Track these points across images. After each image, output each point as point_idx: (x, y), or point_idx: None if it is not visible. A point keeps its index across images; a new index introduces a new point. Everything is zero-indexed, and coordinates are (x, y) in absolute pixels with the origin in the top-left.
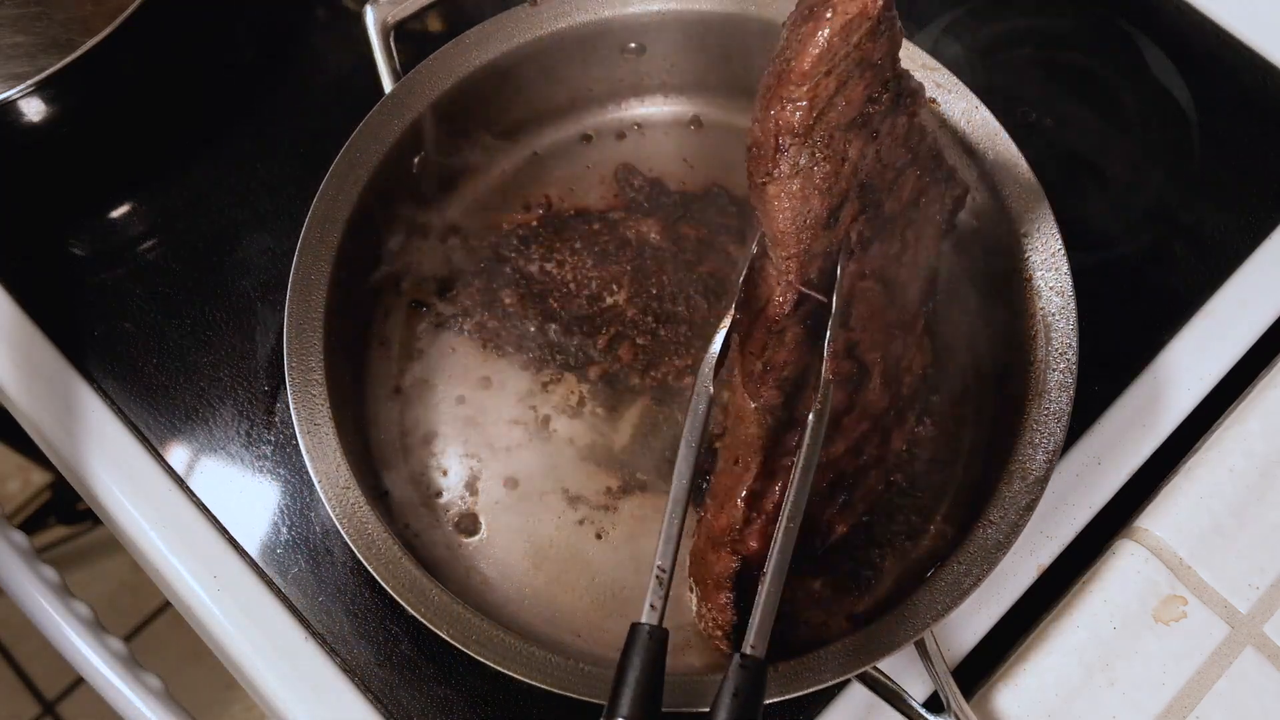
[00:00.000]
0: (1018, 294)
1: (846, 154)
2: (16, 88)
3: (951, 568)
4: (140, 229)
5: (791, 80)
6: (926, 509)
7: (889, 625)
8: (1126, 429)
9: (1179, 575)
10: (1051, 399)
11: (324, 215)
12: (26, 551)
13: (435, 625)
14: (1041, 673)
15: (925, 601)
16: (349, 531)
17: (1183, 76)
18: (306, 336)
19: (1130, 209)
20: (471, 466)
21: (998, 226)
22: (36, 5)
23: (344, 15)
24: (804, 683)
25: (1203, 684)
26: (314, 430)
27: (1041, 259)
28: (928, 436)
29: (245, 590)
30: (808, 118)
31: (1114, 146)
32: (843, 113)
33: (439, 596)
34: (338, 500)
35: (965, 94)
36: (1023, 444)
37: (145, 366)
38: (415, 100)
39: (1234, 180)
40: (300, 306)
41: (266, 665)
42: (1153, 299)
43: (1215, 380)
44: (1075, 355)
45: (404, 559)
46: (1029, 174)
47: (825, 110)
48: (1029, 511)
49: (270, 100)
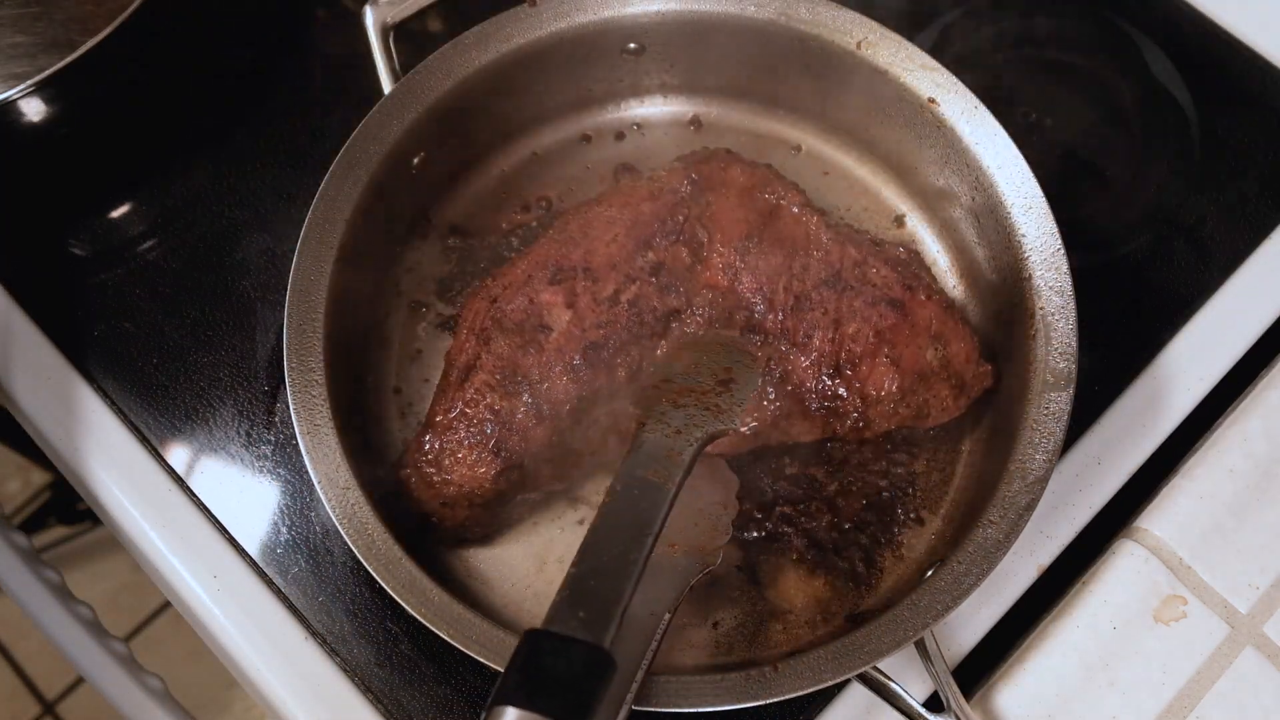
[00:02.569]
0: (1017, 293)
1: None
2: (16, 88)
3: (951, 567)
4: (140, 229)
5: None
6: (926, 509)
7: (888, 625)
8: (1126, 429)
9: (1179, 575)
10: (1051, 399)
11: (324, 216)
12: (27, 551)
13: (435, 625)
14: (1041, 673)
15: (925, 601)
16: (349, 532)
17: (1183, 76)
18: (307, 336)
19: (1130, 209)
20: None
21: (997, 227)
22: (36, 5)
23: (344, 15)
24: (804, 682)
25: (1203, 684)
26: (314, 431)
27: (1041, 258)
28: (927, 437)
29: (245, 590)
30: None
31: (1114, 146)
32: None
33: (439, 597)
34: (338, 500)
35: (964, 94)
36: (1022, 444)
37: (145, 366)
38: (415, 101)
39: (1234, 180)
40: (300, 306)
41: (266, 665)
42: (1153, 299)
43: (1215, 380)
44: (1075, 355)
45: (404, 559)
46: (1028, 174)
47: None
48: (1029, 511)
49: (270, 100)
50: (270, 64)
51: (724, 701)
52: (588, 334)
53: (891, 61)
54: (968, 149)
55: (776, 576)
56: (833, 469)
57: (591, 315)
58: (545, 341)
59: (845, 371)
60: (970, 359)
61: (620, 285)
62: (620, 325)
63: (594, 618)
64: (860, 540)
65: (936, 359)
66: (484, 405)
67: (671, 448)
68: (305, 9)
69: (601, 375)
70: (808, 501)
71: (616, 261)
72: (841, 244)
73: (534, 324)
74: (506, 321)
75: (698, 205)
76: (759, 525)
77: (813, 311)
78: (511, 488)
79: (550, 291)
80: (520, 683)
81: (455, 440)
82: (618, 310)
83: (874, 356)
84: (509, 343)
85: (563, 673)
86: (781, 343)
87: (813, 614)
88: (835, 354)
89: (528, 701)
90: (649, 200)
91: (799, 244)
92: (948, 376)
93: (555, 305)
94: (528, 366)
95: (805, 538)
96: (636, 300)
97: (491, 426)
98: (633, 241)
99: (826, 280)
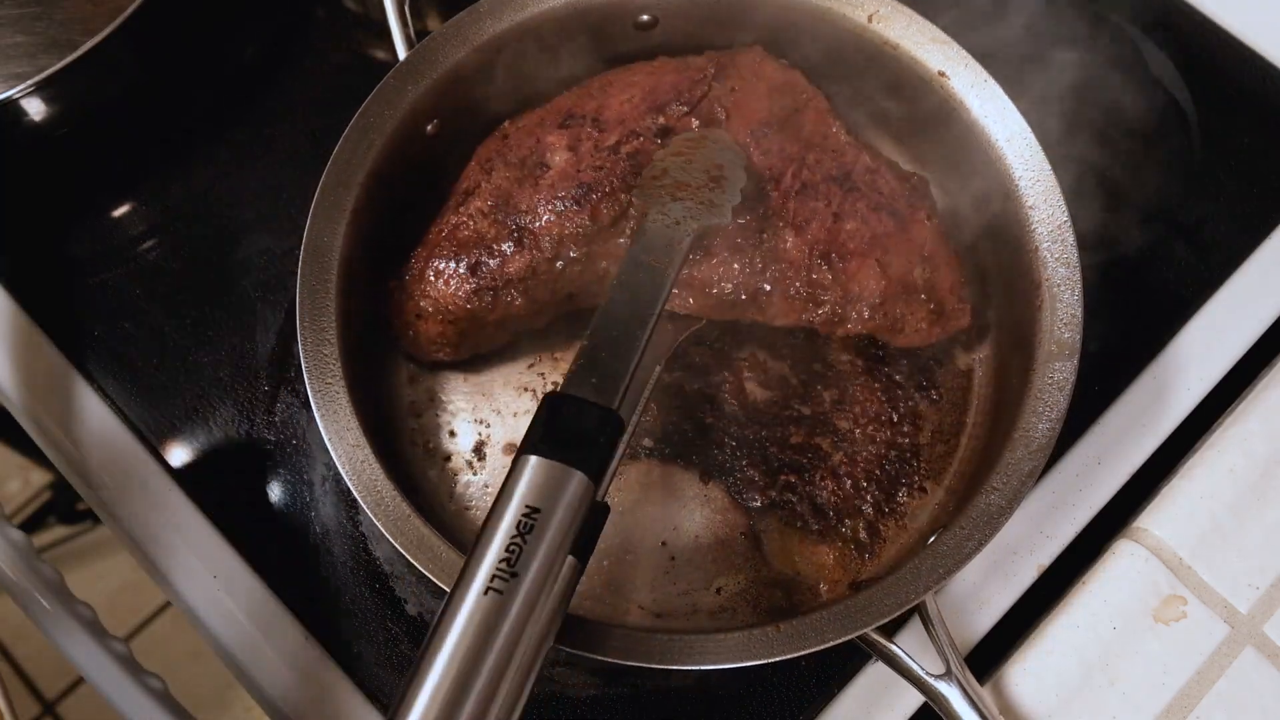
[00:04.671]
0: (1023, 265)
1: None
2: (16, 88)
3: (953, 533)
4: (140, 229)
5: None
6: (930, 480)
7: (891, 587)
8: (1126, 429)
9: (1179, 575)
10: (1055, 368)
11: (337, 179)
12: (27, 551)
13: (440, 580)
14: (1041, 672)
15: (927, 565)
16: (358, 488)
17: (1183, 76)
18: (320, 298)
19: (1130, 209)
20: (480, 431)
21: (1005, 199)
22: (36, 5)
23: (344, 15)
24: (807, 642)
25: (1203, 684)
26: (325, 389)
27: (1048, 230)
28: (932, 408)
29: (245, 590)
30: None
31: (1114, 146)
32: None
33: (447, 554)
34: (348, 457)
35: (975, 68)
36: (1026, 412)
37: (145, 366)
38: (429, 68)
39: (1234, 180)
40: (314, 268)
41: (266, 665)
42: (1153, 299)
43: (1215, 380)
44: (1080, 325)
45: (412, 516)
46: (1037, 148)
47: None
48: (1031, 479)
49: (270, 100)
50: (270, 64)
51: (726, 660)
52: (582, 175)
53: (903, 35)
54: (976, 122)
55: (781, 544)
56: (838, 439)
57: (590, 160)
58: (541, 177)
59: (835, 262)
60: (953, 290)
61: (624, 138)
62: (615, 173)
63: (604, 385)
64: (864, 510)
65: (922, 279)
66: (472, 229)
67: (671, 238)
68: (305, 9)
69: (585, 215)
70: (812, 470)
71: (626, 118)
72: (858, 150)
73: (535, 161)
74: (510, 156)
75: (721, 88)
76: (763, 493)
77: (816, 201)
78: (484, 310)
79: (556, 134)
80: (543, 437)
81: (440, 256)
82: (616, 159)
83: (864, 257)
84: (508, 175)
85: (578, 430)
86: (780, 219)
87: (815, 581)
88: (829, 243)
89: (550, 452)
90: (673, 73)
91: (815, 140)
92: (928, 299)
93: (558, 146)
94: (520, 198)
95: (810, 506)
96: (636, 154)
97: (475, 249)
98: (646, 104)
99: (836, 177)
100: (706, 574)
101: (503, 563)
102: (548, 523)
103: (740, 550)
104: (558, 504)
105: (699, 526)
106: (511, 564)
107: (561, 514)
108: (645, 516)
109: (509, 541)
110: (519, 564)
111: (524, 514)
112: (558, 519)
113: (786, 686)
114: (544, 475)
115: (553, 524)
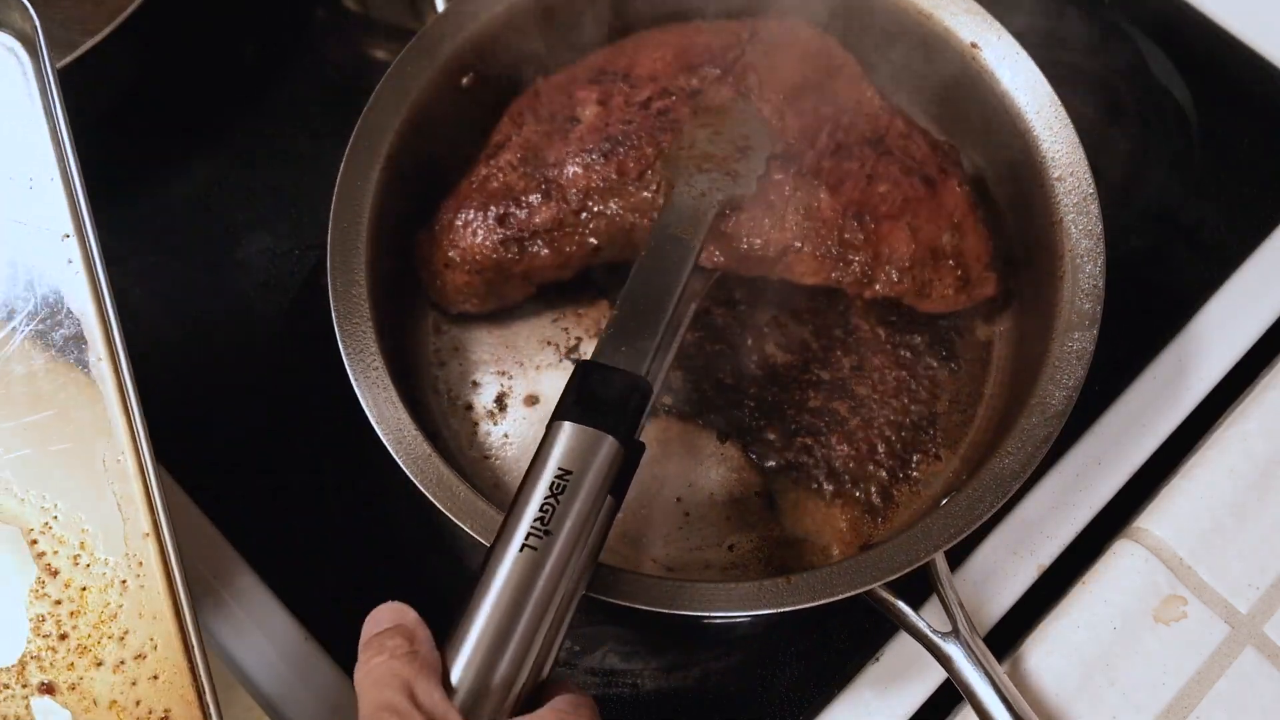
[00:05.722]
0: (1046, 236)
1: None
2: None
3: (966, 494)
4: (140, 229)
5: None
6: (945, 448)
7: (901, 545)
8: (1127, 429)
9: (1179, 575)
10: (1074, 338)
11: (374, 124)
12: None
13: (460, 519)
14: (1041, 672)
15: (938, 526)
16: (382, 428)
17: (1183, 76)
18: (351, 241)
19: (1130, 209)
20: (502, 383)
21: (1033, 171)
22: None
23: (344, 15)
24: (816, 594)
25: (1203, 684)
26: (352, 328)
27: (1073, 202)
28: (951, 378)
29: (245, 590)
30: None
31: (1114, 146)
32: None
33: (465, 494)
34: (374, 400)
35: (1007, 40)
36: (1043, 380)
37: (145, 367)
38: (467, 20)
39: (1234, 180)
40: (345, 212)
41: (266, 665)
42: (1153, 299)
43: (1215, 380)
44: (1101, 297)
45: (433, 456)
46: (1067, 122)
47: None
48: (1045, 444)
49: (270, 100)
50: (270, 64)
51: (737, 608)
52: (610, 128)
53: (936, 5)
54: (1007, 93)
55: (794, 504)
56: (855, 404)
57: (620, 114)
58: (570, 131)
59: (867, 223)
60: (981, 259)
61: (655, 94)
62: (644, 128)
63: (633, 352)
64: (878, 474)
65: (950, 245)
66: (501, 181)
67: (697, 209)
68: (305, 9)
69: (612, 169)
70: (829, 434)
71: (658, 75)
72: (892, 114)
73: (565, 115)
74: (541, 110)
75: (755, 53)
76: (779, 454)
77: (850, 162)
78: (510, 261)
79: (587, 89)
80: (575, 402)
81: (469, 207)
82: (646, 115)
83: (896, 219)
84: (539, 129)
85: (609, 395)
86: (815, 177)
87: (827, 541)
88: (861, 204)
89: (582, 417)
90: (707, 35)
91: (849, 104)
92: (956, 265)
93: (588, 101)
94: (548, 151)
95: (825, 468)
96: (666, 110)
97: (503, 200)
98: (679, 63)
99: (870, 141)
100: (720, 531)
101: (537, 521)
102: (580, 484)
103: (754, 509)
104: (589, 466)
105: (714, 484)
106: (545, 522)
107: (593, 476)
108: (662, 472)
109: (544, 501)
110: (552, 522)
111: (557, 475)
112: (589, 480)
113: (787, 686)
114: (576, 440)
115: (585, 485)
